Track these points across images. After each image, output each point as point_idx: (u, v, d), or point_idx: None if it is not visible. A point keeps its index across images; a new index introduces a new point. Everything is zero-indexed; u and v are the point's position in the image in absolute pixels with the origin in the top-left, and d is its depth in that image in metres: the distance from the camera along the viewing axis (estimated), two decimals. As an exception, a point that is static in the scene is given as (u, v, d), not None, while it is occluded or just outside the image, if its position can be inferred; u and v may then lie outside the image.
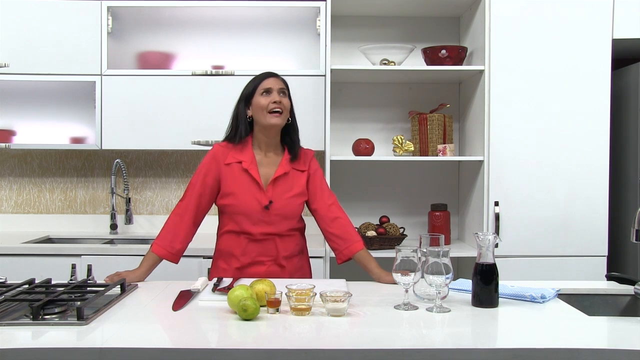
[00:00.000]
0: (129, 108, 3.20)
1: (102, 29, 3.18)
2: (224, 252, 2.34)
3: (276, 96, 2.26)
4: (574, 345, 1.49)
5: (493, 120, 3.00)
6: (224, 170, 2.29)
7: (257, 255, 2.29)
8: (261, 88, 2.28)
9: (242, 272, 2.29)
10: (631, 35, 3.00)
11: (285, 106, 2.28)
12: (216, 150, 2.33)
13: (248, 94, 2.31)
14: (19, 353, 1.44)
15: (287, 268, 2.32)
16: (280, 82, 2.32)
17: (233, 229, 2.30)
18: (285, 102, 2.29)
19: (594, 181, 3.00)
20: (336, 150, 3.38)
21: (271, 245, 2.29)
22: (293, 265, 2.34)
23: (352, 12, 3.40)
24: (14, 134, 3.33)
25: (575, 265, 3.00)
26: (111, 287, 1.92)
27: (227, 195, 2.29)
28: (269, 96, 2.26)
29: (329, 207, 2.35)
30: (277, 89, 2.28)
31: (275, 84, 2.29)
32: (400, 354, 1.46)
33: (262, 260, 2.29)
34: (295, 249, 2.36)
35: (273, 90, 2.27)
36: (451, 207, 3.40)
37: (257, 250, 2.29)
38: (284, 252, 2.30)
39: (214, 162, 2.31)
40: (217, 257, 2.38)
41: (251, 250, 2.29)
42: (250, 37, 3.31)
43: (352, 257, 2.30)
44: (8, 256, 2.93)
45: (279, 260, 2.30)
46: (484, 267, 1.83)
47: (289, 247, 2.33)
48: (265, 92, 2.27)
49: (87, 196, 3.55)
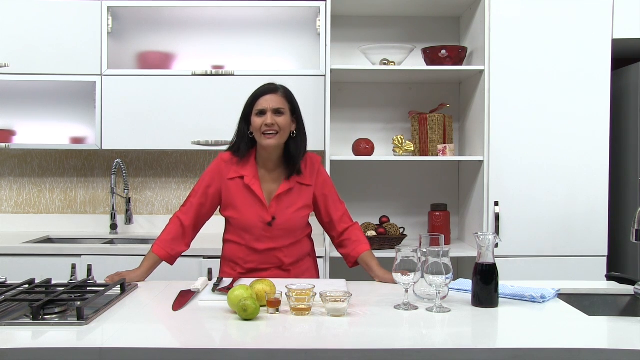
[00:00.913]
0: (129, 108, 3.19)
1: (102, 29, 3.18)
2: (228, 258, 2.34)
3: (269, 118, 2.16)
4: (574, 345, 1.49)
5: (493, 120, 3.00)
6: (227, 185, 2.26)
7: (262, 264, 2.28)
8: (256, 108, 2.20)
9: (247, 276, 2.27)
10: (631, 35, 3.00)
11: (281, 126, 2.18)
12: (220, 163, 2.28)
13: (247, 112, 2.24)
14: (19, 353, 1.44)
15: (293, 271, 2.31)
16: (277, 100, 2.20)
17: (237, 239, 2.29)
18: (280, 121, 2.18)
19: (594, 181, 3.00)
20: (336, 150, 3.38)
21: (274, 256, 2.28)
22: (300, 268, 2.34)
23: (352, 12, 3.39)
24: (14, 134, 3.32)
25: (575, 265, 3.00)
26: (111, 287, 1.92)
27: (230, 207, 2.27)
28: (263, 117, 2.18)
29: (341, 218, 2.34)
30: (271, 109, 2.18)
31: (271, 102, 2.19)
32: (400, 354, 1.46)
33: (266, 267, 2.29)
34: (302, 254, 2.34)
35: (267, 111, 2.18)
36: (451, 207, 3.39)
37: (262, 259, 2.28)
38: (289, 260, 2.30)
39: (217, 175, 2.27)
40: (223, 262, 2.38)
41: (256, 260, 2.28)
42: (250, 37, 3.31)
43: (357, 258, 2.30)
44: (8, 256, 2.93)
45: (284, 267, 2.30)
46: (484, 267, 1.83)
47: (294, 254, 2.31)
48: (259, 112, 2.20)
49: (87, 196, 3.55)
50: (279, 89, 2.24)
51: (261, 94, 2.22)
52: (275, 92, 2.23)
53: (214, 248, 2.77)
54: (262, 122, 2.17)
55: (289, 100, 2.25)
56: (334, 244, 2.39)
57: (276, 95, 2.22)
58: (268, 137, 2.19)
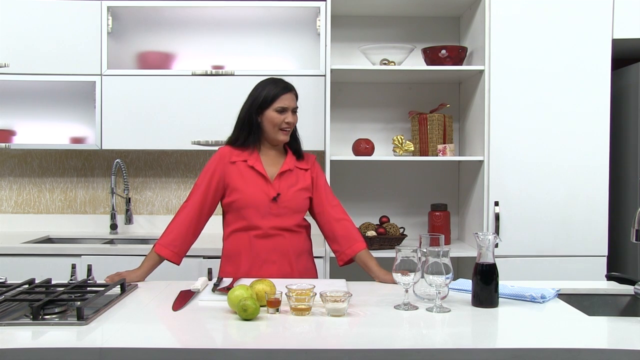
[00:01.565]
0: (129, 108, 3.19)
1: (102, 29, 3.18)
2: (232, 254, 2.31)
3: (290, 116, 2.30)
4: (574, 345, 1.49)
5: (493, 120, 3.00)
6: (230, 168, 2.30)
7: (267, 253, 2.27)
8: (278, 104, 2.29)
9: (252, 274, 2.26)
10: (631, 35, 2.99)
11: (294, 124, 2.35)
12: (222, 151, 2.35)
13: (263, 104, 2.30)
14: (19, 353, 1.45)
15: (296, 268, 2.31)
16: (295, 99, 2.34)
17: (241, 226, 2.29)
18: (295, 120, 2.34)
19: (594, 181, 3.00)
20: (336, 150, 3.38)
21: (281, 241, 2.29)
22: (303, 266, 2.34)
23: (352, 12, 3.40)
24: (14, 134, 3.33)
25: (575, 265, 3.00)
26: (111, 287, 1.92)
27: (233, 191, 2.28)
28: (284, 115, 2.29)
29: (333, 207, 2.36)
30: (291, 108, 2.31)
31: (291, 102, 2.32)
32: (400, 354, 1.46)
33: (274, 259, 2.28)
34: (304, 248, 2.36)
35: (288, 110, 2.30)
36: (451, 207, 3.40)
37: (267, 247, 2.28)
38: (294, 249, 2.30)
39: (219, 162, 2.32)
40: (224, 262, 2.36)
41: (261, 249, 2.27)
42: (250, 37, 3.31)
43: (354, 257, 2.30)
44: (8, 256, 2.93)
45: (289, 257, 2.29)
46: (484, 267, 1.83)
47: (299, 244, 2.33)
48: (282, 110, 2.29)
49: (87, 196, 3.55)
50: (293, 89, 2.37)
51: (283, 91, 2.31)
52: (292, 91, 2.35)
53: (214, 248, 2.78)
54: (283, 120, 2.30)
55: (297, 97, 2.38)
56: (327, 236, 2.37)
57: (292, 94, 2.34)
58: (284, 133, 2.32)
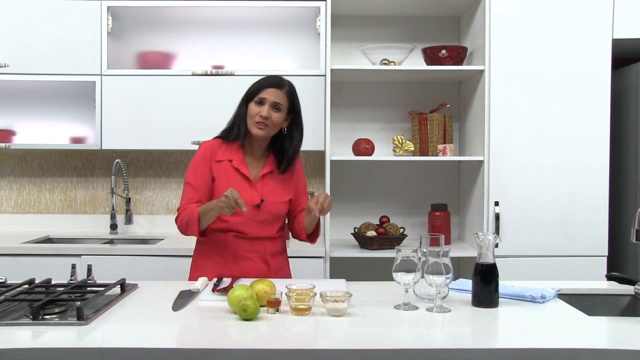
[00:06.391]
0: (129, 108, 3.19)
1: (102, 29, 3.18)
2: (209, 250, 2.29)
3: (265, 110, 2.22)
4: (574, 345, 1.49)
5: (493, 120, 3.00)
6: (215, 167, 2.28)
7: (245, 252, 2.27)
8: (257, 96, 2.25)
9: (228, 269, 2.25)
10: (631, 35, 3.00)
11: (273, 121, 2.23)
12: (206, 147, 2.31)
13: (249, 96, 2.28)
14: (19, 353, 1.44)
15: (272, 266, 2.31)
16: (279, 95, 2.25)
17: (220, 227, 2.26)
18: (274, 117, 2.23)
19: (594, 181, 3.00)
20: (336, 150, 3.38)
21: (259, 243, 2.29)
22: (277, 264, 2.35)
23: (352, 12, 3.39)
24: (14, 134, 3.33)
25: (575, 265, 3.00)
26: (111, 287, 1.92)
27: (217, 191, 2.26)
28: (260, 107, 2.23)
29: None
30: (270, 102, 2.23)
31: (273, 96, 2.23)
32: (400, 354, 1.46)
33: (250, 257, 2.28)
34: (280, 248, 2.38)
35: (266, 103, 2.22)
36: (451, 207, 3.39)
37: (245, 246, 2.27)
38: (271, 250, 2.31)
39: (207, 156, 2.29)
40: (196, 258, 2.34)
41: (240, 247, 2.27)
42: (250, 37, 3.31)
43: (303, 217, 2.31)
44: (8, 256, 2.93)
45: (265, 256, 2.30)
46: (484, 267, 1.83)
47: (276, 246, 2.34)
48: (259, 101, 2.24)
49: (87, 196, 3.55)
50: (285, 86, 2.29)
51: (267, 85, 2.26)
52: (281, 87, 2.27)
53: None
54: (258, 112, 2.23)
55: (290, 98, 2.29)
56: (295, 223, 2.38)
57: (280, 90, 2.26)
58: (258, 127, 2.24)
